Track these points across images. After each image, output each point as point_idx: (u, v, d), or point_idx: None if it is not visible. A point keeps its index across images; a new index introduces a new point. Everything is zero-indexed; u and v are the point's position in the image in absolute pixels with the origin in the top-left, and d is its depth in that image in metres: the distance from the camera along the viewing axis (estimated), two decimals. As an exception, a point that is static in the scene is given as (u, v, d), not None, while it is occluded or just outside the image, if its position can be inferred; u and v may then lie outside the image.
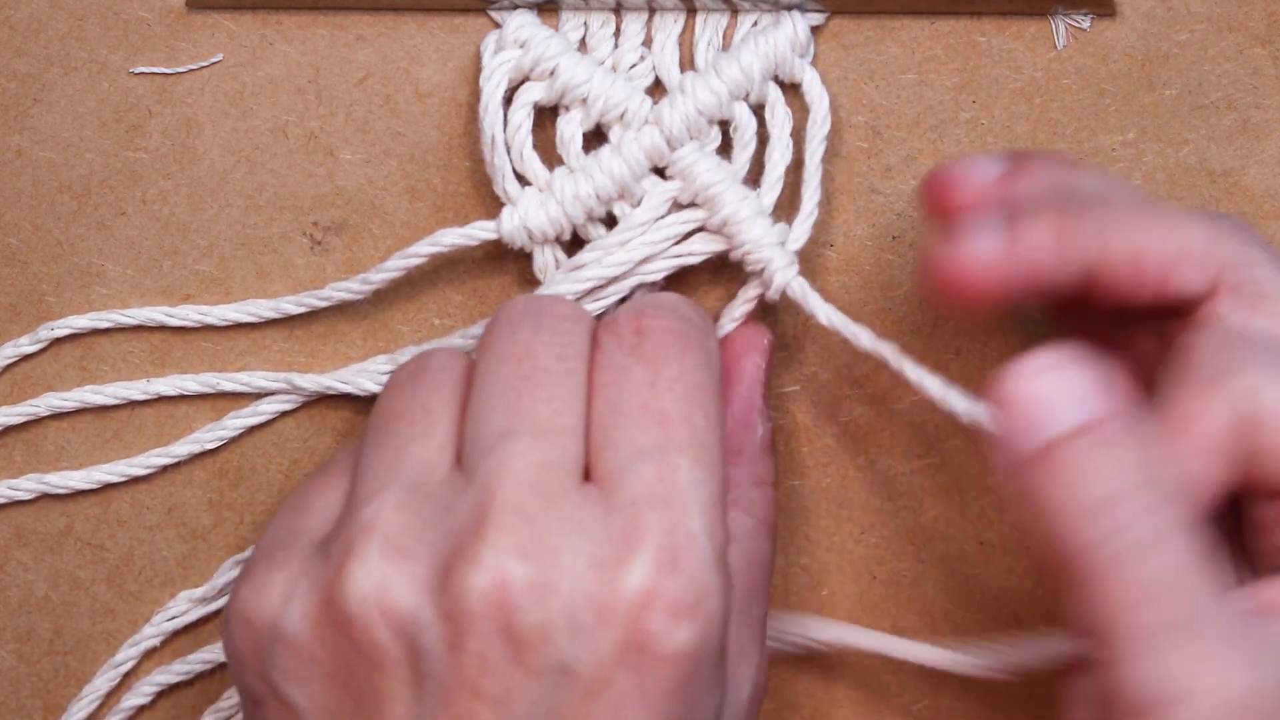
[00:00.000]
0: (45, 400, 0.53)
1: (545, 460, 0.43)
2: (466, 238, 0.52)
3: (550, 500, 0.42)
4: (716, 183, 0.51)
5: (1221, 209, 0.52)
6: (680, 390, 0.44)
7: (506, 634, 0.41)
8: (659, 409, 0.44)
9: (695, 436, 0.44)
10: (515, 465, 0.43)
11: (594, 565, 0.42)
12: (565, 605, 0.42)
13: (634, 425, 0.44)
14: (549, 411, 0.44)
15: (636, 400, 0.44)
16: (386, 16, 0.53)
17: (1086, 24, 0.52)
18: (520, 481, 0.43)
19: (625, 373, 0.45)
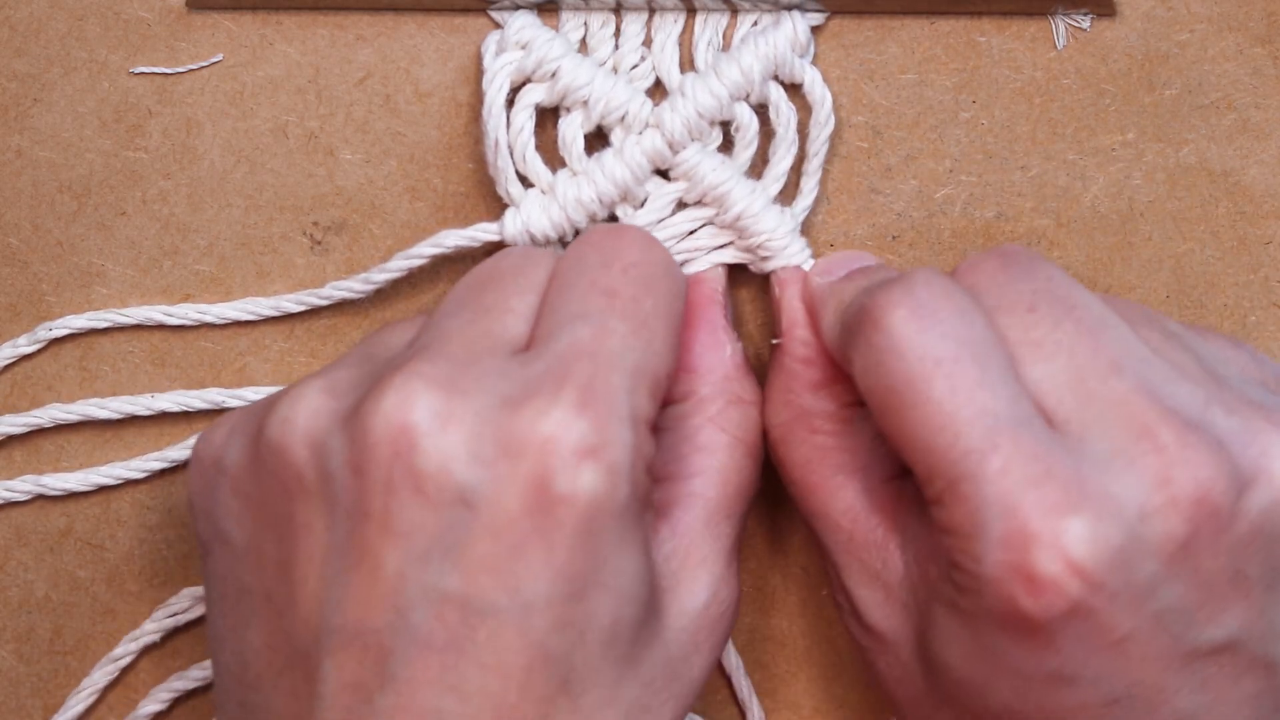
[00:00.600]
0: (48, 412, 0.53)
1: (485, 329, 0.45)
2: (469, 239, 0.52)
3: (477, 354, 0.44)
4: (725, 181, 0.51)
5: (1221, 209, 0.52)
6: (634, 275, 0.46)
7: (406, 460, 0.42)
8: (608, 285, 0.45)
9: (639, 313, 0.45)
10: (451, 325, 0.45)
11: (503, 403, 0.43)
12: (467, 436, 0.42)
13: (580, 296, 0.45)
14: (499, 297, 0.46)
15: (588, 277, 0.46)
16: (386, 16, 0.53)
17: (1086, 24, 0.52)
18: (453, 338, 0.44)
19: (582, 258, 0.46)
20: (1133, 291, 0.53)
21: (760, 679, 0.54)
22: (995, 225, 0.53)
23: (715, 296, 0.51)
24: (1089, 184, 0.52)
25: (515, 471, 0.42)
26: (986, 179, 0.53)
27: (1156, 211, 0.53)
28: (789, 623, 0.54)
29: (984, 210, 0.53)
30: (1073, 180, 0.52)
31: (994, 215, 0.53)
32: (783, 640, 0.54)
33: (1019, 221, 0.53)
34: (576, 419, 0.42)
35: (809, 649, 0.54)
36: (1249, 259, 0.53)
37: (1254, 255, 0.53)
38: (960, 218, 0.53)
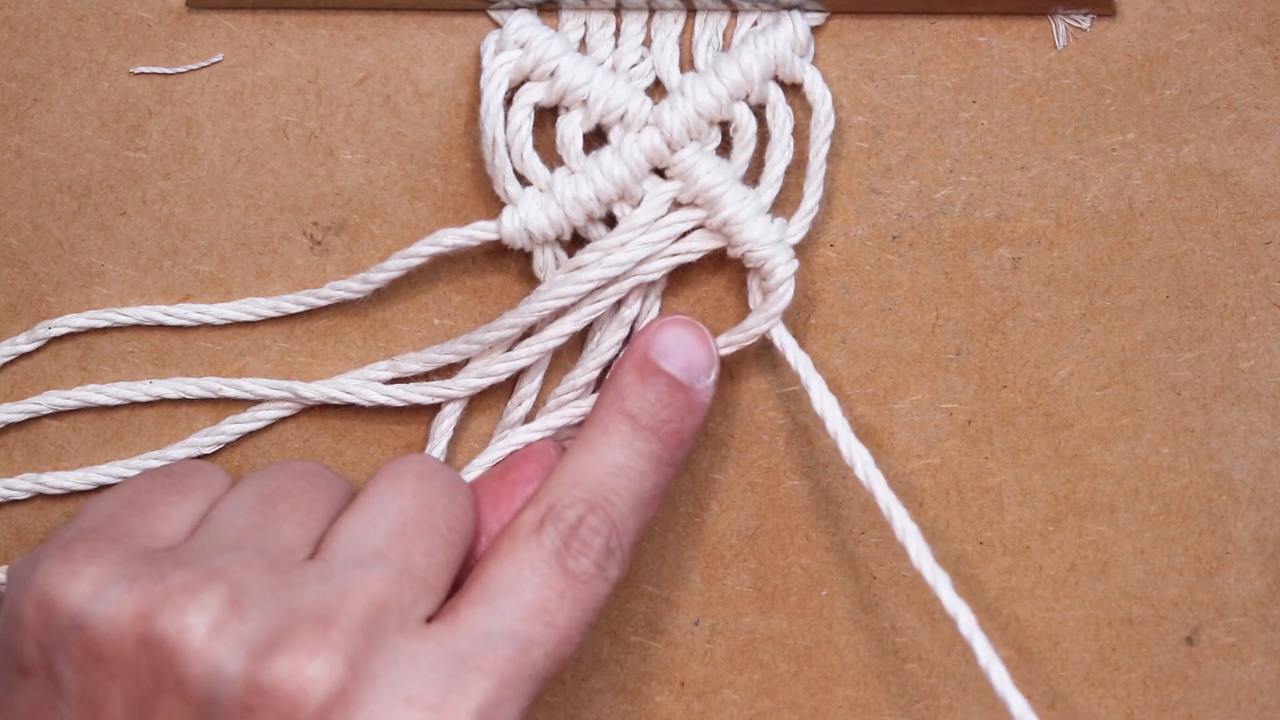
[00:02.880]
0: (47, 398, 0.53)
1: (401, 598, 0.45)
2: (467, 238, 0.52)
3: (391, 629, 0.44)
4: (717, 184, 0.51)
5: (1221, 209, 0.52)
6: (578, 614, 0.47)
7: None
8: (554, 618, 0.46)
9: (564, 649, 0.46)
10: (375, 587, 0.45)
11: (405, 702, 0.43)
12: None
13: (523, 613, 0.46)
14: (424, 562, 0.46)
15: (540, 596, 0.46)
16: (386, 16, 0.53)
17: (1086, 24, 0.52)
18: (374, 603, 0.44)
19: (545, 568, 0.47)
20: (1133, 292, 0.53)
21: (760, 679, 0.54)
22: (995, 225, 0.53)
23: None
24: (1089, 184, 0.52)
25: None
26: (986, 179, 0.53)
27: (1156, 211, 0.52)
28: (789, 623, 0.54)
29: (984, 210, 0.53)
30: (1073, 180, 0.52)
31: (994, 215, 0.53)
32: (783, 640, 0.54)
33: (1019, 221, 0.53)
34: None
35: (809, 649, 0.54)
36: (1249, 259, 0.53)
37: (1254, 255, 0.53)
38: (960, 218, 0.53)
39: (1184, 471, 0.53)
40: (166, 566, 0.45)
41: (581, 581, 0.47)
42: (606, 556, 0.47)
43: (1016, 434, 0.53)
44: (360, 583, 0.45)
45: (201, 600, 0.44)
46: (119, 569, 0.45)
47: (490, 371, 0.52)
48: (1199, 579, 0.53)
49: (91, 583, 0.45)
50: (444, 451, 0.53)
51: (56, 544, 0.46)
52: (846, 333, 0.53)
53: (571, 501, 0.48)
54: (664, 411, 0.50)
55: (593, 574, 0.47)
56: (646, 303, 0.52)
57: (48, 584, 0.45)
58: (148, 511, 0.47)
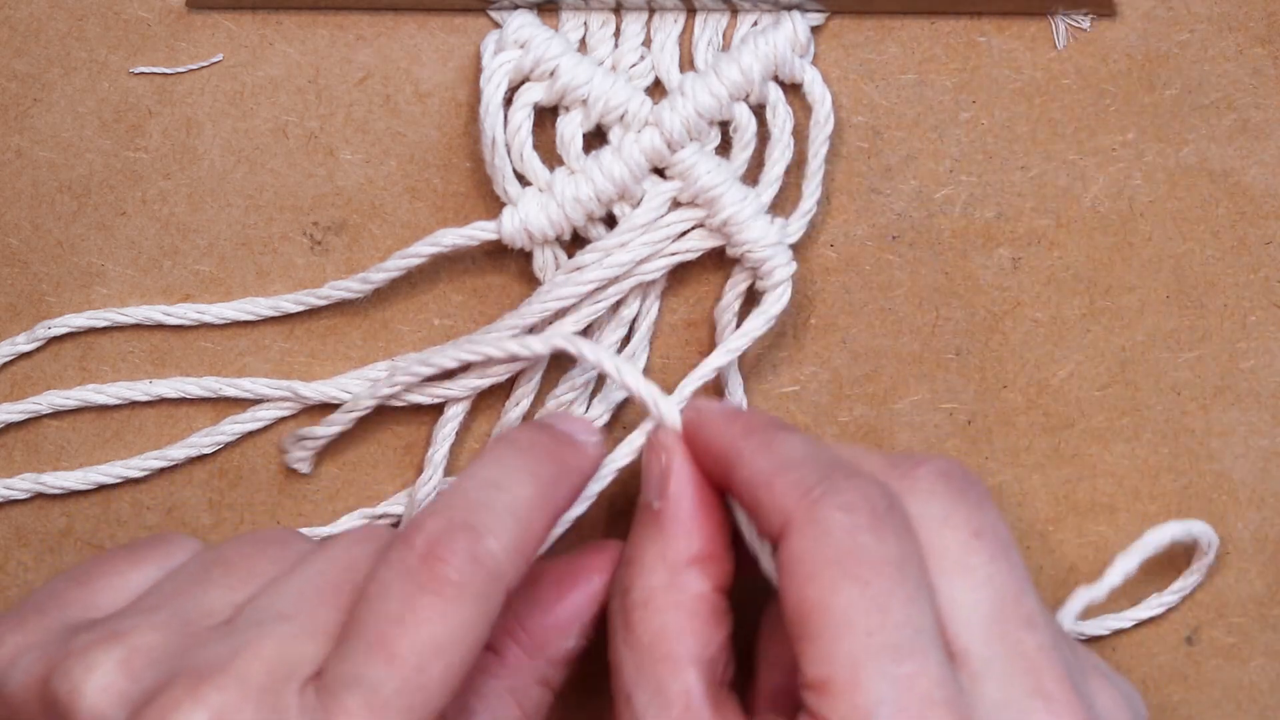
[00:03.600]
0: (47, 398, 0.53)
1: (301, 654, 0.44)
2: (466, 238, 0.52)
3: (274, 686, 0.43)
4: (717, 185, 0.51)
5: (1221, 209, 0.52)
6: (426, 636, 0.43)
7: None
8: (395, 647, 0.43)
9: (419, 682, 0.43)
10: (268, 644, 0.44)
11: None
12: None
13: (364, 651, 0.43)
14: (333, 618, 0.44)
15: (380, 630, 0.43)
16: (386, 16, 0.53)
17: (1086, 24, 0.52)
18: (265, 659, 0.43)
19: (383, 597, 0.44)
20: (1133, 292, 0.53)
21: (760, 679, 0.54)
22: (995, 225, 0.53)
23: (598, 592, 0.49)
24: (1089, 184, 0.52)
25: None
26: (986, 179, 0.53)
27: (1156, 211, 0.53)
28: (789, 623, 0.54)
29: (984, 210, 0.53)
30: (1073, 180, 0.52)
31: (994, 215, 0.53)
32: (782, 640, 0.54)
33: (1019, 221, 0.53)
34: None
35: (809, 649, 0.54)
36: (1249, 259, 0.53)
37: (1254, 255, 0.53)
38: (960, 218, 0.53)
39: (1184, 471, 0.53)
40: (80, 633, 0.45)
41: (431, 593, 0.44)
42: (469, 563, 0.44)
43: (1016, 434, 0.53)
44: (253, 641, 0.44)
45: (92, 661, 0.44)
46: (38, 638, 0.46)
47: (491, 372, 0.52)
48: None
49: (11, 650, 0.46)
50: (446, 455, 0.53)
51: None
52: (846, 333, 0.53)
53: (425, 516, 0.45)
54: (542, 438, 0.48)
55: (447, 583, 0.44)
56: (646, 302, 0.52)
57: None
58: (88, 584, 0.48)
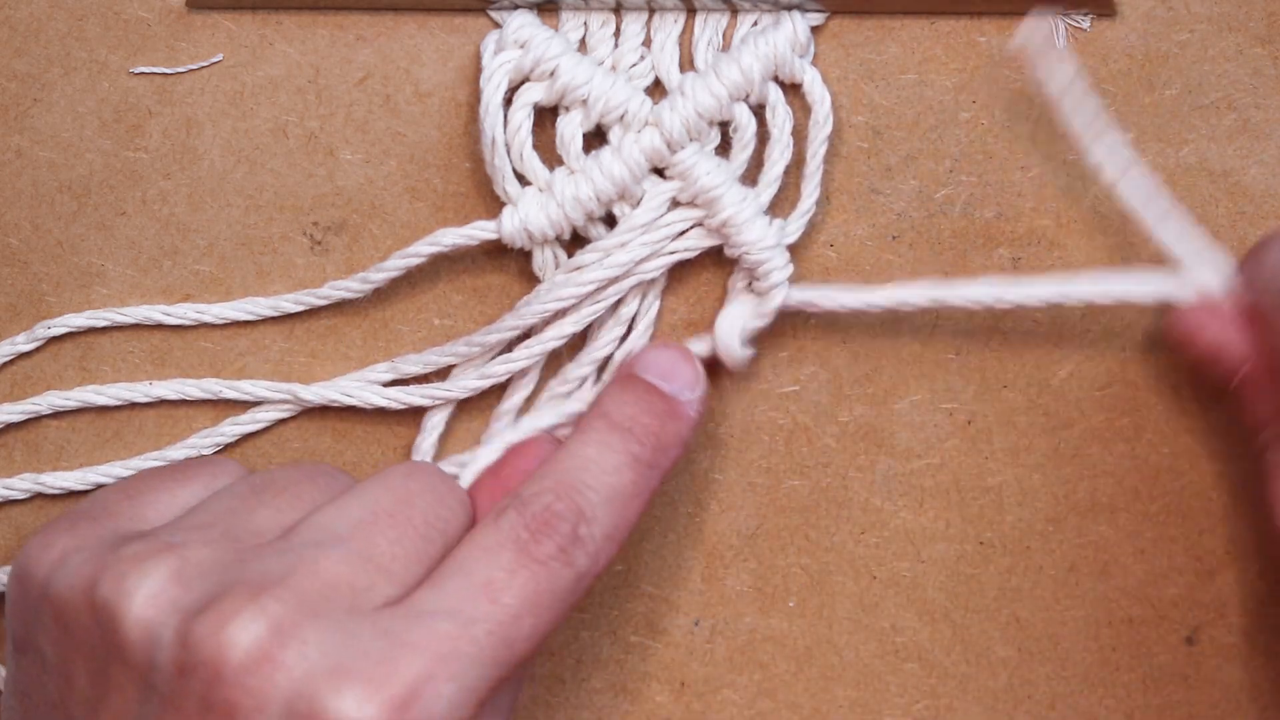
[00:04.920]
0: (47, 399, 0.53)
1: (355, 581, 0.44)
2: (466, 237, 0.52)
3: (335, 606, 0.44)
4: (717, 186, 0.51)
5: (1221, 209, 0.52)
6: (530, 593, 0.45)
7: (226, 687, 0.42)
8: (500, 596, 0.45)
9: (511, 631, 0.44)
10: (327, 565, 0.44)
11: (332, 671, 0.43)
12: (289, 688, 0.42)
13: (468, 590, 0.45)
14: (389, 551, 0.45)
15: (488, 575, 0.45)
16: (386, 16, 0.53)
17: (1086, 24, 0.52)
18: (322, 579, 0.44)
19: (496, 551, 0.45)
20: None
21: (760, 679, 0.54)
22: (995, 225, 0.53)
23: None
24: (1089, 184, 0.52)
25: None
26: (986, 179, 0.53)
27: (1156, 211, 0.53)
28: (789, 623, 0.54)
29: (984, 210, 0.53)
30: (1073, 180, 0.52)
31: (994, 215, 0.53)
32: (782, 640, 0.54)
33: (1019, 221, 0.53)
34: (385, 717, 0.42)
35: (809, 649, 0.54)
36: (1249, 259, 0.53)
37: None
38: (960, 218, 0.53)
39: (1184, 471, 0.53)
40: (131, 542, 0.45)
41: (539, 562, 0.46)
42: (572, 541, 0.46)
43: (1016, 434, 0.53)
44: (310, 560, 0.44)
45: (145, 569, 0.44)
46: (88, 542, 0.46)
47: (490, 373, 0.52)
48: (1199, 579, 0.53)
49: (59, 553, 0.46)
50: (433, 447, 0.53)
51: (44, 527, 0.47)
52: (846, 333, 0.53)
53: (539, 491, 0.47)
54: (642, 415, 0.49)
55: (553, 556, 0.46)
56: (645, 301, 0.52)
57: (24, 558, 0.46)
58: (137, 497, 0.48)
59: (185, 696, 0.43)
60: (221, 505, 0.47)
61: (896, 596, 0.54)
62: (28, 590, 0.46)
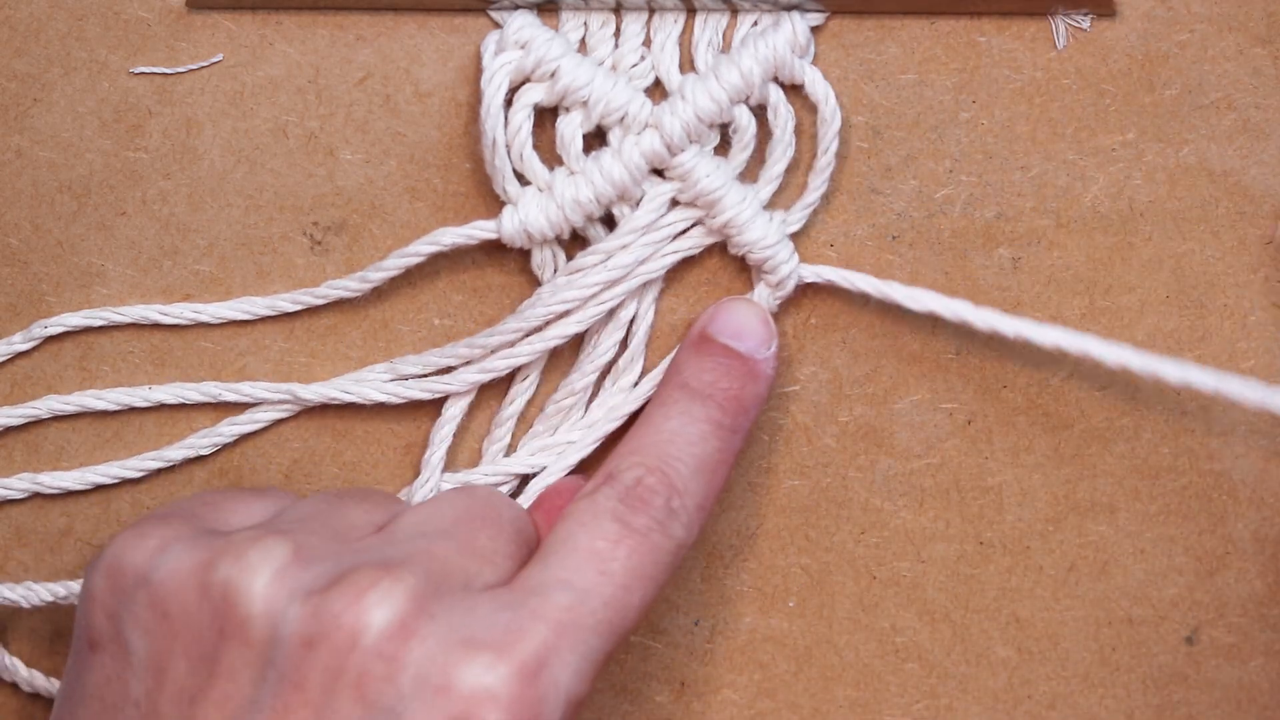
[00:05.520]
0: (46, 403, 0.53)
1: (465, 567, 0.45)
2: (466, 237, 0.52)
3: (455, 586, 0.44)
4: (718, 188, 0.51)
5: (1221, 209, 0.52)
6: (635, 564, 0.46)
7: (359, 657, 0.43)
8: (609, 566, 0.46)
9: (623, 601, 0.45)
10: (440, 551, 0.45)
11: (463, 642, 0.43)
12: (421, 660, 0.43)
13: (576, 563, 0.46)
14: (489, 545, 0.46)
15: (593, 547, 0.46)
16: (386, 16, 0.53)
17: (1086, 24, 0.52)
18: (439, 561, 0.45)
19: (597, 525, 0.47)
20: (1133, 292, 0.53)
21: (760, 679, 0.54)
22: (995, 225, 0.53)
23: None
24: (1089, 184, 0.52)
25: (446, 712, 0.43)
26: (986, 179, 0.53)
27: (1156, 211, 0.52)
28: (789, 623, 0.54)
29: (984, 210, 0.53)
30: (1073, 180, 0.52)
31: (994, 215, 0.53)
32: (782, 640, 0.54)
33: (1019, 221, 0.53)
34: (518, 689, 0.43)
35: (809, 649, 0.54)
36: (1249, 259, 0.53)
37: (1254, 255, 0.53)
38: (960, 218, 0.53)
39: (1184, 471, 0.53)
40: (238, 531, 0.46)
41: (639, 534, 0.46)
42: (667, 514, 0.47)
43: (1016, 434, 0.53)
44: (424, 548, 0.45)
45: (266, 546, 0.44)
46: (185, 533, 0.46)
47: (490, 367, 0.52)
48: (1199, 579, 0.53)
49: (158, 541, 0.46)
50: (443, 457, 0.53)
51: (132, 524, 0.47)
52: (846, 333, 0.53)
53: (629, 466, 0.48)
54: (721, 380, 0.50)
55: (651, 528, 0.47)
56: (643, 305, 0.52)
57: (116, 551, 0.46)
58: (217, 506, 0.48)
59: (310, 671, 0.43)
60: (308, 508, 0.47)
61: (896, 596, 0.54)
62: (119, 581, 0.45)
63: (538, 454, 0.53)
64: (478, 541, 0.46)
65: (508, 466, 0.53)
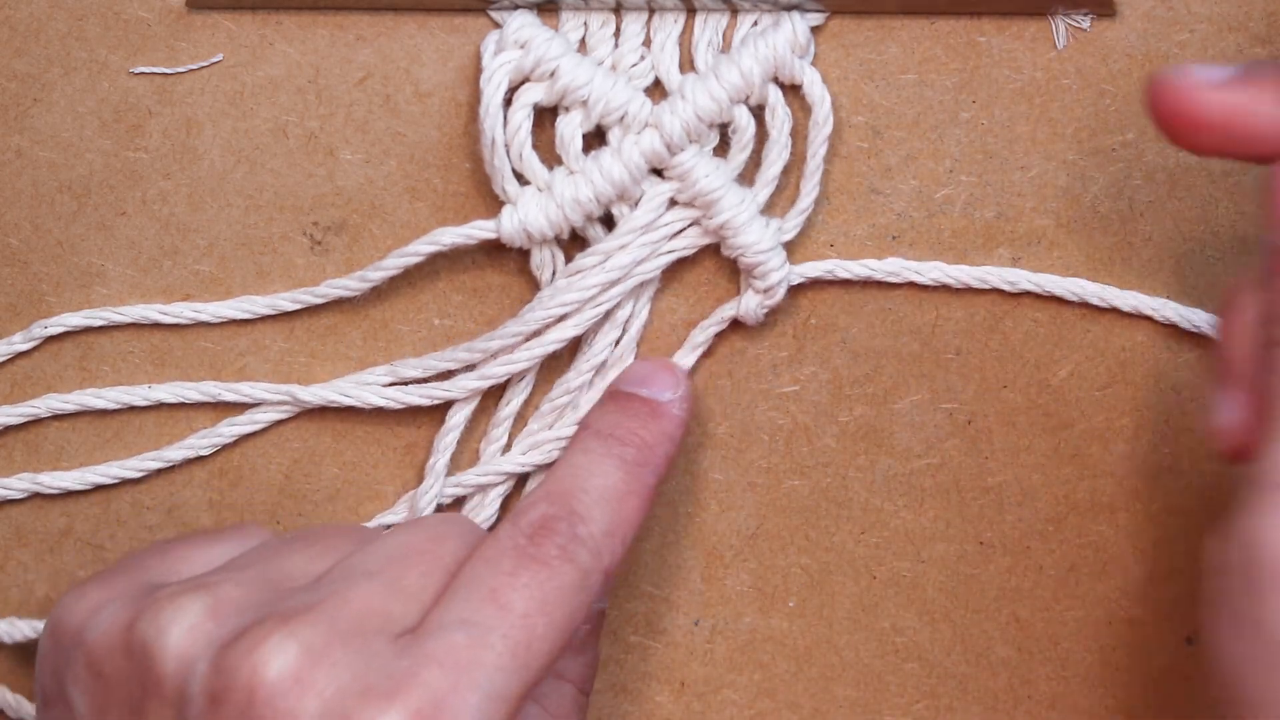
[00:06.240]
0: (45, 402, 0.53)
1: (385, 608, 0.45)
2: (465, 237, 0.52)
3: (364, 632, 0.44)
4: (716, 188, 0.51)
5: (1221, 209, 0.52)
6: (537, 594, 0.45)
7: (258, 710, 0.43)
8: (507, 599, 0.45)
9: (525, 634, 0.45)
10: (356, 595, 0.45)
11: (360, 692, 0.43)
12: (317, 712, 0.43)
13: (474, 600, 0.45)
14: (419, 583, 0.46)
15: (492, 583, 0.45)
16: (386, 16, 0.53)
17: (1086, 24, 0.52)
18: (351, 607, 0.45)
19: (497, 560, 0.46)
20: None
21: (760, 679, 0.54)
22: (995, 225, 0.53)
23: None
24: (1089, 184, 0.52)
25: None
26: (986, 179, 0.53)
27: (1156, 211, 0.52)
28: (789, 623, 0.54)
29: (984, 210, 0.53)
30: (1073, 180, 0.52)
31: (994, 215, 0.53)
32: (782, 640, 0.54)
33: (1019, 221, 0.53)
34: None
35: (809, 649, 0.54)
36: (1249, 259, 0.52)
37: (1254, 255, 0.52)
38: (960, 218, 0.53)
39: (1184, 472, 0.53)
40: (165, 587, 0.46)
41: (540, 562, 0.46)
42: (571, 540, 0.47)
43: (1016, 434, 0.53)
44: (341, 592, 0.45)
45: (180, 604, 0.45)
46: (121, 592, 0.46)
47: (489, 374, 0.52)
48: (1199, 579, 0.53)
49: (93, 603, 0.46)
50: (447, 464, 0.53)
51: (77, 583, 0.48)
52: (846, 333, 0.53)
53: (532, 502, 0.48)
54: (624, 420, 0.50)
55: (554, 555, 0.46)
56: (638, 304, 0.52)
57: (59, 612, 0.47)
58: (168, 554, 0.49)
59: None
60: (254, 554, 0.48)
61: (896, 596, 0.54)
62: (61, 641, 0.46)
63: (529, 452, 0.53)
64: (406, 581, 0.46)
65: (500, 466, 0.53)
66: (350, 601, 0.45)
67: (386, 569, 0.46)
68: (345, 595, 0.45)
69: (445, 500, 0.53)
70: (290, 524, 0.54)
